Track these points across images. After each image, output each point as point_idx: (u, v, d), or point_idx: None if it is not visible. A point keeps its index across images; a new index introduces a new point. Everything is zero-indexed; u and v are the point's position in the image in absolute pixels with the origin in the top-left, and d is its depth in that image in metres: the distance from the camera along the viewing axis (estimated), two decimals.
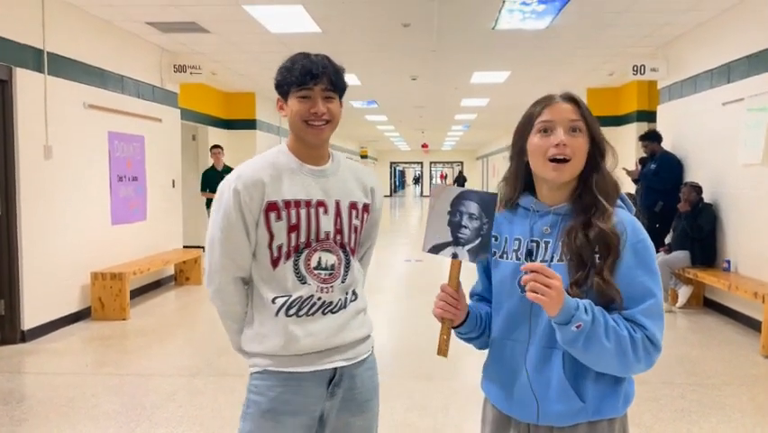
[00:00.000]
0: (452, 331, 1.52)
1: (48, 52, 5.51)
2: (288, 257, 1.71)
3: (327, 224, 1.74)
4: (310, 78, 1.68)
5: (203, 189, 9.01)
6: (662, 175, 6.80)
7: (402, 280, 8.62)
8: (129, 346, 5.28)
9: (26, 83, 5.27)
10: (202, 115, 10.21)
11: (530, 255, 1.47)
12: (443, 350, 1.47)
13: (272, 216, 1.70)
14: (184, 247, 8.54)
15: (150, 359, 4.86)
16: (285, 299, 1.70)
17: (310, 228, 1.72)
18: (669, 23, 6.62)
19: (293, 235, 1.71)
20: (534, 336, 1.45)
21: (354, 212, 1.80)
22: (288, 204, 1.71)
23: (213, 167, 9.16)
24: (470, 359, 5.00)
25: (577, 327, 1.31)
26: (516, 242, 1.50)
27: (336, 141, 21.79)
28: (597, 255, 1.37)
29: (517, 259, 1.48)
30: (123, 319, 6.06)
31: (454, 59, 8.70)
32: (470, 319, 1.54)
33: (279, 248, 1.71)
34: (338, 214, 1.77)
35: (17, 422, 3.65)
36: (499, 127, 20.38)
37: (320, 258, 1.73)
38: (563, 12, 6.20)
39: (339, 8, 6.19)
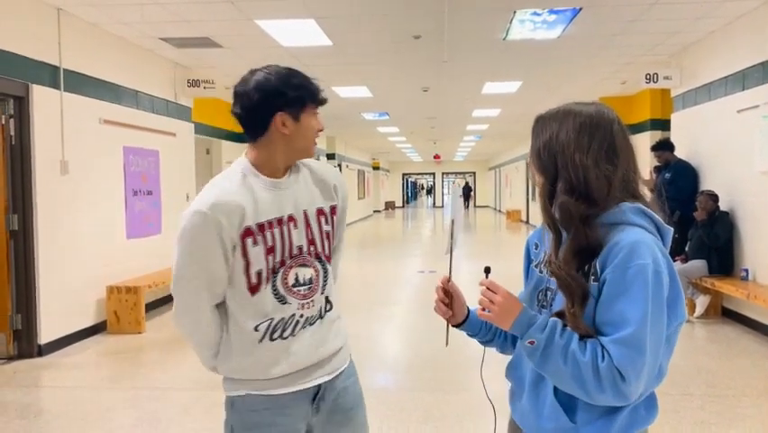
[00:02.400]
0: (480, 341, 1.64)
1: (64, 69, 5.59)
2: (267, 281, 1.64)
3: (299, 238, 1.68)
4: (321, 97, 1.69)
5: None
6: (678, 184, 6.75)
7: (415, 292, 8.59)
8: (144, 360, 5.30)
9: (43, 99, 5.34)
10: (216, 129, 10.29)
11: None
12: (446, 339, 1.60)
13: (249, 241, 1.61)
14: None
15: (166, 372, 4.87)
16: (267, 323, 1.64)
17: (284, 247, 1.66)
18: (681, 31, 6.59)
19: (270, 258, 1.64)
20: None
21: (323, 218, 1.75)
22: (261, 227, 1.63)
23: None
24: (484, 371, 4.97)
25: (529, 342, 1.33)
26: (543, 254, 1.51)
27: (348, 153, 21.85)
28: (593, 277, 1.33)
29: (540, 272, 1.50)
30: (139, 333, 6.08)
31: (465, 69, 8.71)
32: (469, 322, 1.60)
33: (259, 274, 1.63)
34: (308, 224, 1.71)
35: None
36: (512, 137, 20.35)
37: (296, 274, 1.67)
38: (575, 21, 6.20)
39: (350, 21, 6.23)
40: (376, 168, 30.73)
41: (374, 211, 30.16)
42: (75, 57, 5.77)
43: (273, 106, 1.62)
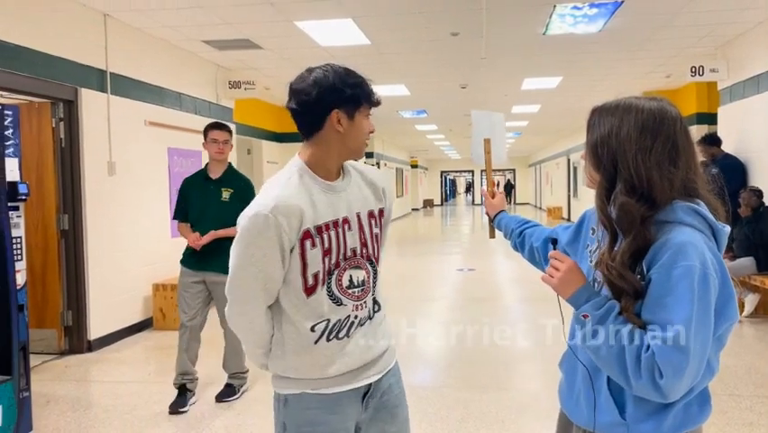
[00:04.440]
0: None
1: (110, 73, 5.77)
2: (323, 283, 1.67)
3: (353, 240, 1.71)
4: (375, 98, 1.71)
5: (181, 218, 4.18)
6: (726, 179, 6.55)
7: (455, 290, 8.57)
8: None
9: (90, 102, 5.52)
10: (256, 129, 10.44)
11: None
12: (489, 233, 2.27)
13: (307, 243, 1.63)
14: None
15: (209, 368, 4.96)
16: (324, 324, 1.67)
17: (339, 249, 1.68)
18: (728, 22, 6.40)
19: (326, 260, 1.67)
20: None
21: (373, 221, 1.78)
22: (319, 229, 1.65)
23: (206, 171, 4.20)
24: (525, 369, 4.93)
25: (583, 316, 1.36)
26: (595, 244, 1.50)
27: (386, 151, 21.88)
28: (639, 276, 1.32)
29: (591, 261, 1.48)
30: None
31: (504, 66, 8.63)
32: (498, 220, 2.14)
33: (315, 276, 1.65)
34: (360, 227, 1.73)
35: (84, 429, 3.79)
36: (552, 134, 20.06)
37: (350, 276, 1.70)
38: (616, 14, 6.08)
39: (388, 20, 6.25)
40: (414, 166, 30.69)
41: (412, 209, 30.13)
42: (121, 61, 5.94)
43: (330, 103, 1.64)
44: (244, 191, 4.11)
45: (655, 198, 1.32)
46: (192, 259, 4.10)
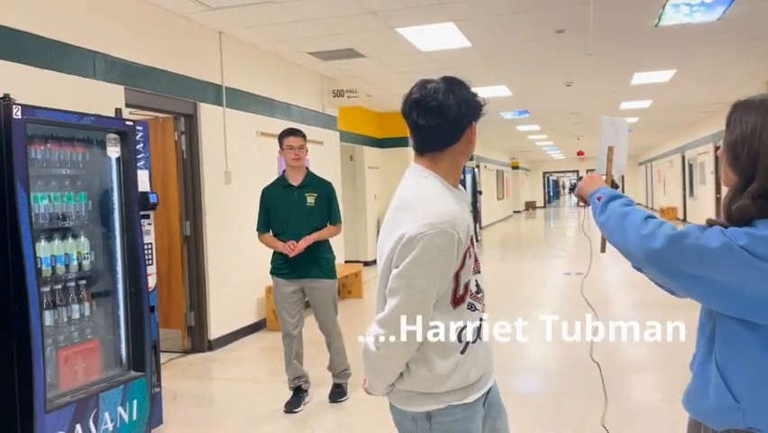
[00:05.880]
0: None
1: (225, 87, 6.10)
2: (468, 293, 1.66)
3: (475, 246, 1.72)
4: None
5: (264, 229, 4.39)
6: None
7: (562, 295, 8.32)
8: None
9: (208, 116, 5.87)
10: (358, 135, 10.66)
11: None
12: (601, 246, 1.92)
13: (466, 255, 1.62)
14: (345, 262, 8.92)
15: (320, 368, 5.12)
16: (466, 332, 1.65)
17: (476, 256, 1.72)
18: None
19: (474, 268, 1.69)
20: (704, 331, 1.41)
21: None
22: (471, 240, 1.66)
23: (285, 178, 4.48)
24: (641, 378, 4.70)
25: (597, 198, 1.58)
26: None
27: (486, 153, 21.63)
28: None
29: None
30: None
31: (613, 61, 8.29)
32: None
33: (466, 285, 1.64)
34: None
35: (209, 424, 4.04)
36: (664, 130, 19.01)
37: (477, 281, 1.70)
38: (737, 1, 5.67)
39: (491, 21, 6.18)
40: (515, 167, 30.11)
41: (514, 212, 29.58)
42: (235, 75, 6.27)
43: (470, 117, 1.68)
44: (329, 195, 4.25)
45: None
46: (287, 268, 4.17)
